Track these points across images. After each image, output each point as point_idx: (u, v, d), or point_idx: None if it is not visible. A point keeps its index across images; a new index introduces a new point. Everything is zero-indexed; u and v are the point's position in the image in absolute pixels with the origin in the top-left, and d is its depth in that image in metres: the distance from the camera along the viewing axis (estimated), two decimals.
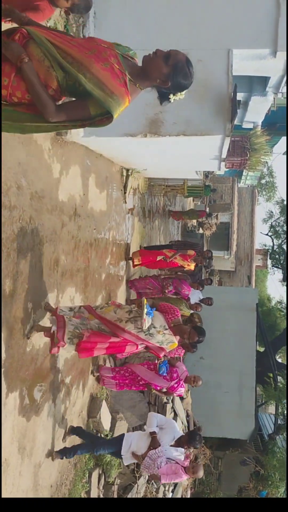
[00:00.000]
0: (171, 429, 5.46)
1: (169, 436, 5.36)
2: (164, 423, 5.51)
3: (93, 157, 6.58)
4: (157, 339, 4.68)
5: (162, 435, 5.32)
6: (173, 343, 4.76)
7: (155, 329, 4.69)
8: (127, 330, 4.59)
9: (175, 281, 8.88)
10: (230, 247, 26.76)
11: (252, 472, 12.20)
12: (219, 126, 5.50)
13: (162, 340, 4.69)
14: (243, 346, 13.50)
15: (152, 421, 5.40)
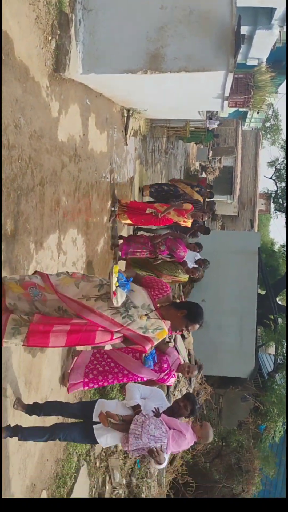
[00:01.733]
0: (157, 398, 4.56)
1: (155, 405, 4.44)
2: (148, 394, 4.55)
3: (93, 96, 6.41)
4: (139, 324, 3.49)
5: (147, 408, 4.35)
6: (162, 330, 3.56)
7: (136, 310, 3.53)
8: (98, 312, 3.41)
9: (169, 241, 7.66)
10: (233, 191, 26.54)
11: (252, 408, 12.70)
12: (222, 62, 5.31)
13: (146, 325, 3.50)
14: (244, 289, 13.66)
15: (133, 393, 4.42)
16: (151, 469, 6.90)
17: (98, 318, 3.40)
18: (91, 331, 3.40)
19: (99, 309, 3.41)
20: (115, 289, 3.40)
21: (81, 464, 5.48)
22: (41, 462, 4.60)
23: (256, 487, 10.64)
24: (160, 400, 4.50)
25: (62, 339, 3.34)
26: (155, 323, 3.54)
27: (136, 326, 3.47)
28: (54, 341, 3.34)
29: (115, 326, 3.43)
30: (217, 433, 11.24)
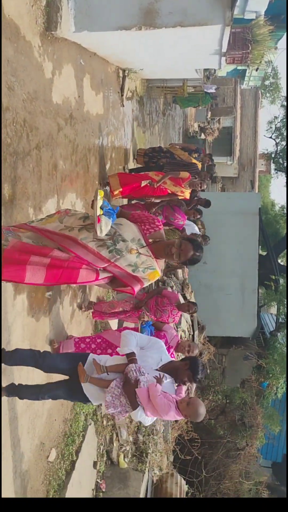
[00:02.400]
0: (157, 349, 3.91)
1: (154, 358, 3.82)
2: (146, 343, 3.91)
3: (87, 56, 6.26)
4: (128, 260, 3.14)
5: (143, 358, 3.75)
6: (154, 271, 3.24)
7: (124, 244, 3.16)
8: (82, 242, 3.05)
9: (166, 209, 7.05)
10: (233, 152, 26.17)
11: (254, 366, 12.92)
12: (218, 15, 5.15)
13: (136, 263, 3.16)
14: (246, 250, 13.68)
15: (129, 340, 3.74)
16: (157, 426, 7.08)
17: (82, 249, 3.03)
18: (73, 268, 3.00)
19: (83, 240, 3.05)
20: (99, 216, 3.01)
21: (89, 423, 5.62)
22: (49, 422, 4.72)
23: (260, 441, 10.94)
24: (159, 352, 3.90)
25: (40, 274, 2.92)
26: (146, 261, 3.20)
27: (124, 262, 3.12)
28: (31, 276, 2.90)
29: (100, 261, 3.06)
30: (221, 391, 11.49)
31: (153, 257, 3.27)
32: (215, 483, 9.59)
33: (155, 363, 3.81)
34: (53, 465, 4.72)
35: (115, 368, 3.65)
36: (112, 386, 3.53)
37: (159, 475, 7.26)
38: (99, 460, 5.88)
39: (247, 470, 10.42)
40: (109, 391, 3.50)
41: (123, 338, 3.81)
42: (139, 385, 3.46)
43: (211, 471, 9.57)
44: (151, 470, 6.91)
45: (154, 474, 7.09)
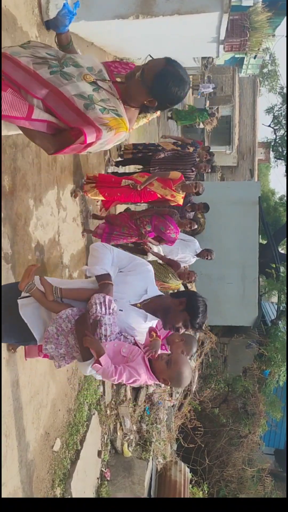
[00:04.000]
0: (141, 275, 2.81)
1: (135, 288, 2.78)
2: (127, 263, 2.79)
3: (84, 45, 6.23)
4: (78, 88, 2.14)
5: (120, 286, 2.69)
6: (119, 118, 2.20)
7: (77, 70, 2.24)
8: (11, 56, 2.16)
9: (156, 218, 5.99)
10: (231, 141, 26.09)
11: (256, 355, 12.98)
12: (216, 2, 5.13)
13: (91, 96, 2.15)
14: (246, 239, 13.68)
15: (102, 256, 2.67)
16: (160, 415, 7.15)
17: (10, 65, 2.10)
18: None
19: (13, 54, 2.15)
20: None
21: (92, 413, 5.67)
22: (53, 412, 4.76)
23: (262, 428, 11.03)
24: (145, 280, 2.81)
25: None
26: (108, 100, 2.19)
27: (73, 90, 2.10)
28: None
29: (37, 84, 2.07)
30: (223, 380, 11.56)
31: (119, 100, 2.27)
32: (219, 471, 9.68)
33: (136, 296, 2.77)
34: (58, 455, 4.77)
35: (75, 294, 2.62)
36: (62, 316, 2.53)
37: (163, 463, 7.34)
38: (104, 449, 5.94)
39: (250, 457, 10.52)
40: (55, 321, 2.51)
41: (93, 251, 2.71)
42: (98, 330, 2.48)
43: (214, 458, 9.66)
44: (155, 459, 6.98)
45: (158, 463, 7.16)
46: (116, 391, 6.44)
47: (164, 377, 2.64)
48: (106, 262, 2.65)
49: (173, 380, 2.65)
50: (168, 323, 2.87)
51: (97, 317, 2.50)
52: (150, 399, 7.01)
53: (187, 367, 2.64)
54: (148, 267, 2.88)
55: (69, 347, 2.59)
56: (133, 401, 6.64)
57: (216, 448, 9.89)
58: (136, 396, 6.76)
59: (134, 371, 2.54)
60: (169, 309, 2.85)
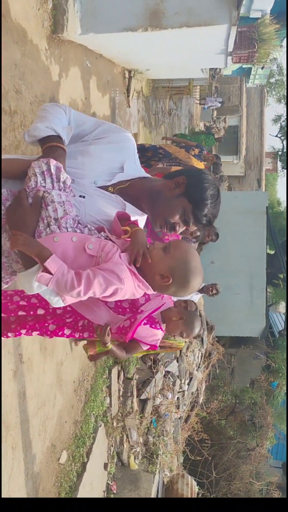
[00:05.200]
0: (117, 144, 1.97)
1: (105, 162, 1.94)
2: (92, 127, 1.99)
3: (93, 57, 6.26)
4: None
5: (83, 158, 1.91)
6: None
7: None
8: None
9: None
10: (239, 151, 26.12)
11: (264, 366, 12.89)
12: (224, 14, 5.13)
13: None
14: (253, 249, 13.65)
15: (52, 115, 1.85)
16: (167, 427, 7.09)
17: None
18: None
19: None
20: None
21: (99, 425, 5.63)
22: (60, 423, 4.73)
23: (270, 441, 10.91)
24: (121, 151, 1.99)
25: None
26: None
27: None
28: None
29: None
30: (230, 392, 11.47)
31: None
32: (226, 484, 9.57)
33: (105, 175, 1.94)
34: (64, 467, 4.73)
35: (5, 166, 1.78)
36: None
37: (170, 476, 7.26)
38: (110, 461, 5.89)
39: (257, 470, 10.40)
40: None
41: (40, 111, 1.89)
42: (44, 212, 1.69)
43: (222, 472, 9.56)
44: (162, 471, 6.91)
45: (164, 476, 7.09)
46: (123, 402, 6.40)
47: (163, 271, 1.77)
48: (56, 122, 1.81)
49: (177, 272, 1.76)
50: (158, 217, 2.00)
51: (38, 192, 1.69)
52: (157, 411, 6.95)
53: (194, 254, 1.82)
54: (127, 135, 2.00)
55: (4, 255, 1.76)
56: (139, 412, 6.59)
57: (223, 461, 9.79)
58: (143, 407, 6.71)
59: (111, 275, 1.67)
60: (159, 194, 1.98)
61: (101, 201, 1.89)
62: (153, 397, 6.80)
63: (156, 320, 2.98)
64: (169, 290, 1.84)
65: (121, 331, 2.82)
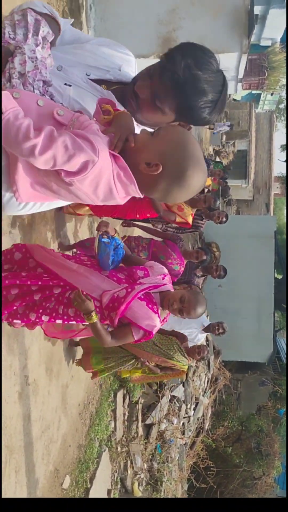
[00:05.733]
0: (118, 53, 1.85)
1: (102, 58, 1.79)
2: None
3: None
4: None
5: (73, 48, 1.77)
6: None
7: None
8: None
9: (154, 244, 4.84)
10: (247, 175, 26.24)
11: (271, 392, 12.71)
12: (235, 43, 5.23)
13: None
14: (261, 273, 13.61)
15: None
16: (171, 454, 6.97)
17: None
18: None
19: None
20: None
21: (103, 450, 5.54)
22: (63, 447, 4.67)
23: (277, 470, 10.68)
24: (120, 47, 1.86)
25: None
26: None
27: None
28: None
29: None
30: (236, 418, 11.29)
31: None
32: None
33: (101, 69, 1.75)
34: (67, 492, 4.65)
35: None
36: None
37: None
38: (113, 487, 5.78)
39: None
40: None
41: None
42: (9, 64, 1.44)
43: None
44: None
45: None
46: (128, 427, 6.32)
47: (150, 158, 1.41)
48: (53, 9, 1.67)
49: (169, 158, 1.39)
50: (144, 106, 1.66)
51: (7, 44, 1.41)
52: (162, 436, 6.85)
53: (191, 138, 1.45)
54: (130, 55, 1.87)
55: None
56: (144, 438, 6.50)
57: (228, 489, 9.58)
58: (148, 432, 6.62)
59: (84, 141, 1.31)
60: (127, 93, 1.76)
61: (90, 95, 1.64)
62: (158, 422, 6.71)
63: (154, 300, 2.77)
64: (159, 187, 1.42)
65: (114, 302, 2.61)
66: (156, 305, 2.74)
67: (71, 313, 2.68)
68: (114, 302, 2.61)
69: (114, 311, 2.61)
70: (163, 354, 4.29)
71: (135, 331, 2.65)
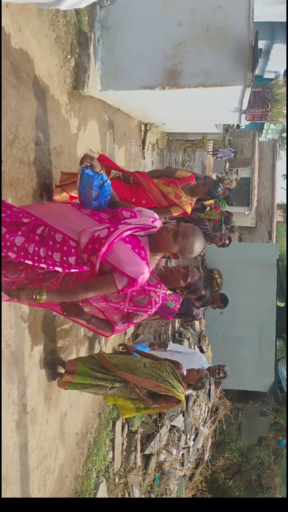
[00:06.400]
0: None
1: None
2: None
3: (111, 111, 6.48)
4: None
5: None
6: None
7: None
8: None
9: None
10: (250, 202, 26.40)
11: (272, 423, 12.50)
12: (239, 77, 5.32)
13: None
14: (263, 301, 13.55)
15: None
16: (170, 486, 6.82)
17: None
18: None
19: None
20: None
21: (100, 481, 5.44)
22: (60, 478, 4.59)
23: None
24: None
25: None
26: None
27: None
28: None
29: None
30: (237, 449, 11.10)
31: None
32: None
33: None
34: None
35: None
36: None
37: None
38: None
39: None
40: None
41: None
42: None
43: None
44: None
45: None
46: (126, 457, 6.20)
47: None
48: None
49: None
50: None
51: None
52: (161, 467, 6.72)
53: None
54: None
55: None
56: (143, 469, 6.38)
57: None
58: (147, 463, 6.50)
59: None
60: None
61: None
62: (157, 453, 6.59)
63: (141, 244, 2.42)
64: None
65: (94, 243, 2.30)
66: (144, 249, 2.40)
67: (42, 253, 2.36)
68: (94, 243, 2.31)
69: (94, 254, 2.30)
70: (155, 377, 4.01)
71: (118, 278, 2.32)
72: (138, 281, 2.33)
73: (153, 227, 2.50)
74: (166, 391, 4.02)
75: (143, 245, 2.41)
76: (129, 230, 2.35)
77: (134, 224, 2.40)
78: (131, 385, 4.07)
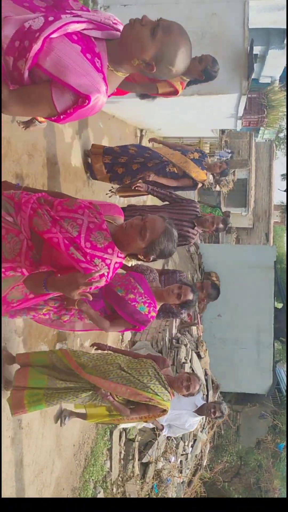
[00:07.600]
0: None
1: None
2: None
3: (106, 118, 6.45)
4: None
5: None
6: None
7: None
8: None
9: None
10: (247, 204, 26.39)
11: (270, 426, 12.50)
12: (235, 84, 5.30)
13: None
14: (261, 303, 13.55)
15: None
16: (168, 493, 6.80)
17: None
18: None
19: None
20: None
21: (98, 491, 5.41)
22: (57, 491, 4.55)
23: None
24: None
25: None
26: None
27: None
28: None
29: None
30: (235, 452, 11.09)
31: None
32: None
33: None
34: None
35: None
36: None
37: None
38: None
39: None
40: None
41: None
42: None
43: None
44: None
45: None
46: (124, 466, 6.18)
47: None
48: None
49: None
50: None
51: None
52: (159, 475, 6.70)
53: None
54: None
55: None
56: (141, 477, 6.35)
57: None
58: (145, 471, 6.47)
59: None
60: None
61: None
62: (155, 461, 6.57)
63: (97, 50, 1.70)
64: None
65: (24, 38, 1.52)
66: (100, 57, 1.66)
67: None
68: (23, 38, 1.52)
69: (23, 57, 1.52)
70: (134, 382, 3.22)
71: (57, 94, 1.57)
72: (91, 99, 1.59)
73: (115, 29, 1.78)
74: (147, 400, 3.24)
75: (99, 51, 1.66)
76: (78, 23, 1.59)
77: (85, 18, 1.64)
78: (102, 392, 3.27)
